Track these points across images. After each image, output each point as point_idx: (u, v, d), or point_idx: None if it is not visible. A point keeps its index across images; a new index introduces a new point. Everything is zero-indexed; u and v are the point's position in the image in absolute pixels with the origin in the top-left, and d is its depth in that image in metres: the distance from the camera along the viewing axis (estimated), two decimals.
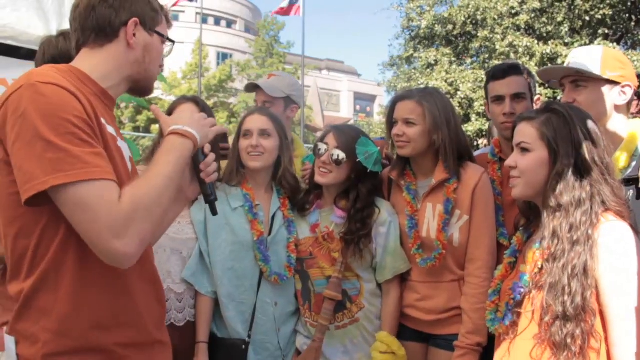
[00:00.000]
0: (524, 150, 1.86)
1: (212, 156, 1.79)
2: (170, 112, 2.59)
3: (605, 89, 2.16)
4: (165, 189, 1.44)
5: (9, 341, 1.46)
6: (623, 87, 2.16)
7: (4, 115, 1.38)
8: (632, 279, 1.65)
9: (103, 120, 1.50)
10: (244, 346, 2.45)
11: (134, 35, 1.60)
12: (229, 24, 44.11)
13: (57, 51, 2.22)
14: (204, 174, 1.76)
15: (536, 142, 1.83)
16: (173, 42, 1.76)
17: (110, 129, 1.54)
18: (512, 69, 2.66)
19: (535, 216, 1.93)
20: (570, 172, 1.76)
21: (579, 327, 1.66)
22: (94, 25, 1.58)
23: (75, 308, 1.43)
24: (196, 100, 2.68)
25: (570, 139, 1.78)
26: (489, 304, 1.99)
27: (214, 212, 1.84)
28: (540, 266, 1.78)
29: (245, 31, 42.71)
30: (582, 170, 1.76)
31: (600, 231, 1.71)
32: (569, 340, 1.66)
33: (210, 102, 25.31)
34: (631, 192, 2.04)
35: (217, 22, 42.75)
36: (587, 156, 1.76)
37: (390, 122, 2.53)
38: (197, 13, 32.08)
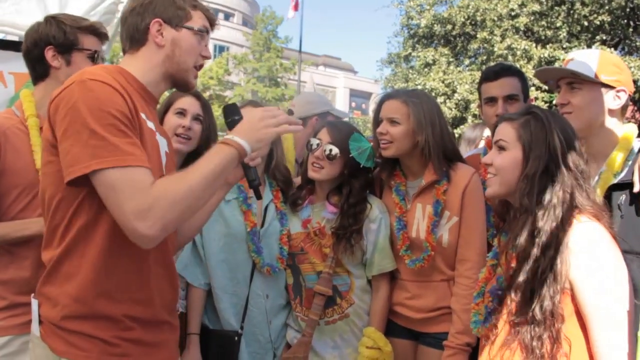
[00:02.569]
0: (501, 148, 1.88)
1: None
2: (169, 104, 2.58)
3: (600, 92, 2.16)
4: (198, 186, 1.53)
5: (34, 304, 1.64)
6: (618, 91, 2.16)
7: (56, 106, 1.53)
8: (609, 276, 1.66)
9: (143, 116, 1.66)
10: (236, 338, 2.47)
11: (161, 34, 1.75)
12: (227, 17, 44.00)
13: (37, 35, 2.23)
14: (248, 158, 1.87)
15: (513, 142, 1.85)
16: (207, 31, 1.86)
17: (150, 124, 1.70)
18: (504, 71, 2.67)
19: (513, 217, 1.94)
20: (541, 176, 1.77)
21: (547, 330, 1.66)
22: (127, 34, 1.77)
23: (94, 277, 1.58)
24: (197, 95, 2.65)
25: (545, 142, 1.78)
26: (473, 306, 2.00)
27: (259, 196, 1.98)
28: (513, 268, 1.79)
29: (243, 24, 42.61)
30: (555, 175, 1.76)
31: (572, 233, 1.71)
32: (534, 343, 1.67)
33: (205, 95, 25.26)
34: (623, 197, 2.03)
35: (215, 14, 42.50)
36: (560, 161, 1.76)
37: (377, 122, 2.54)
38: None
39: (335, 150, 2.49)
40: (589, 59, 2.20)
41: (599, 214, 1.76)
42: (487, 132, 4.25)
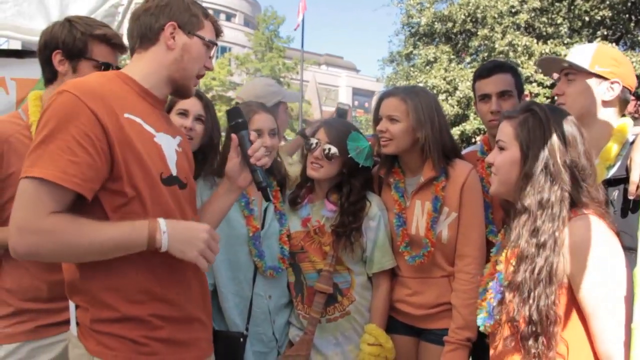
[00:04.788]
0: (501, 148, 1.88)
1: (259, 142, 1.99)
2: (171, 105, 2.57)
3: (593, 82, 2.18)
4: (92, 247, 1.56)
5: (71, 306, 1.71)
6: (612, 83, 2.17)
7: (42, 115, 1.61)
8: (605, 269, 1.64)
9: (138, 120, 1.68)
10: (242, 339, 2.48)
11: (173, 37, 1.78)
12: (229, 17, 44.03)
13: (50, 36, 2.18)
14: (254, 159, 1.94)
15: (511, 141, 1.84)
16: (216, 44, 1.90)
17: (147, 127, 1.71)
18: (497, 67, 2.69)
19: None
20: (539, 174, 1.75)
21: (543, 331, 1.65)
22: (139, 32, 1.80)
23: (109, 286, 1.63)
24: (199, 95, 2.66)
25: (543, 141, 1.76)
26: (480, 302, 2.00)
27: (267, 198, 1.99)
28: (513, 268, 1.78)
29: (245, 25, 42.62)
30: (553, 173, 1.74)
31: (569, 228, 1.70)
32: (531, 343, 1.67)
33: (208, 96, 25.25)
34: (616, 193, 2.04)
35: (217, 15, 42.54)
36: (558, 159, 1.74)
37: (376, 119, 2.56)
38: None
39: (334, 150, 2.50)
40: (586, 50, 2.24)
41: (599, 212, 1.74)
42: None
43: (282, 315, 2.63)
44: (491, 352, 1.90)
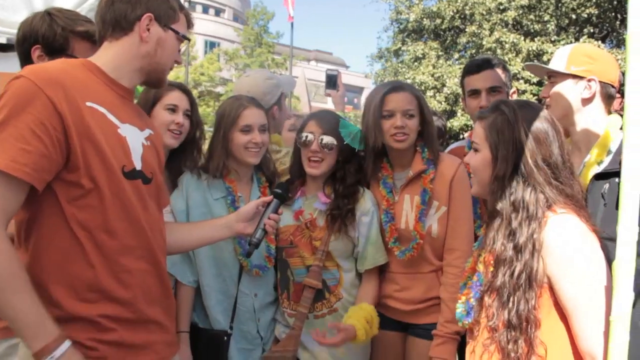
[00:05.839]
0: (475, 150, 1.85)
1: (280, 218, 2.24)
2: (156, 99, 2.51)
3: (570, 83, 2.22)
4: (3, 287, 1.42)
5: None
6: (589, 81, 2.20)
7: None
8: (584, 266, 1.62)
9: (102, 109, 1.62)
10: (225, 338, 2.46)
11: (148, 29, 1.72)
12: (218, 12, 43.79)
13: (29, 29, 2.10)
14: (266, 221, 2.16)
15: (482, 143, 1.81)
16: (188, 39, 1.86)
17: (111, 117, 1.65)
18: (486, 63, 2.71)
19: None
20: (510, 176, 1.71)
21: (523, 334, 1.63)
22: (112, 19, 1.71)
23: (59, 281, 1.55)
24: (185, 90, 2.62)
25: (511, 141, 1.72)
26: (459, 296, 1.97)
27: (249, 255, 2.25)
28: (491, 272, 1.74)
29: (234, 20, 42.42)
30: (524, 174, 1.70)
31: (545, 228, 1.66)
32: (510, 347, 1.64)
33: (196, 91, 25.18)
34: (607, 186, 2.04)
35: (206, 10, 42.39)
36: (529, 159, 1.69)
37: (380, 115, 2.48)
38: (185, 0, 31.66)
39: (331, 140, 2.47)
40: (563, 53, 2.29)
41: (576, 209, 1.70)
42: None
43: (267, 313, 2.61)
44: (467, 352, 1.87)
